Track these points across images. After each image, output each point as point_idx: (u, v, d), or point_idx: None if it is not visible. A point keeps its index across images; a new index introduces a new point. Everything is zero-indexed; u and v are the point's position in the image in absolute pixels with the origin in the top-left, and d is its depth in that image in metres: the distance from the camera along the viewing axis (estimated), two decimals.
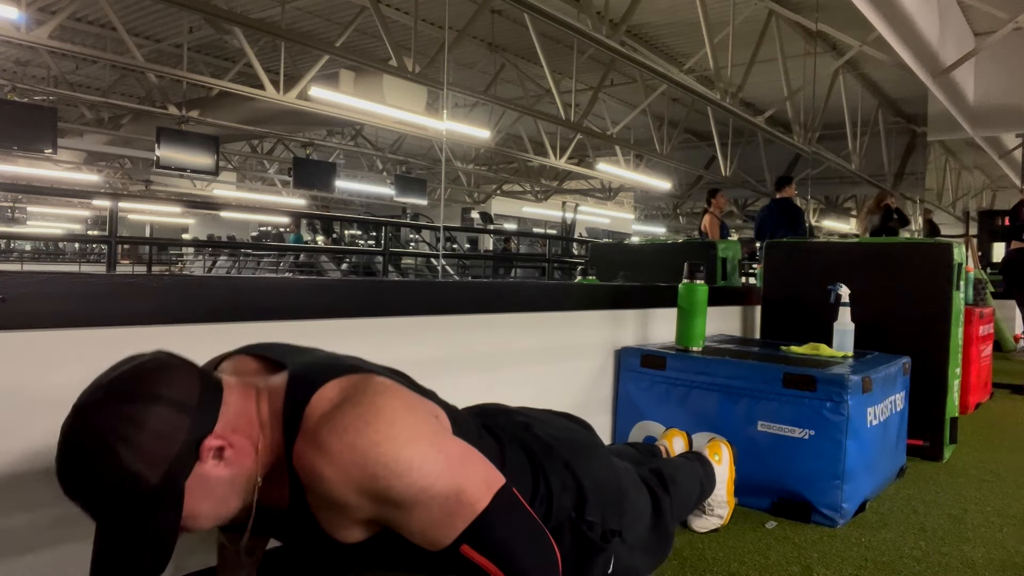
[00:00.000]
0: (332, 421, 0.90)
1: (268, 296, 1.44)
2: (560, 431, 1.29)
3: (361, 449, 0.88)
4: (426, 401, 1.02)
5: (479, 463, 0.99)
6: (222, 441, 0.88)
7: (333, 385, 0.94)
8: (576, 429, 1.37)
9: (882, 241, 3.34)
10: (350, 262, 9.48)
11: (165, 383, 0.86)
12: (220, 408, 0.89)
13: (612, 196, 18.26)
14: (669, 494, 1.50)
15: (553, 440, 1.23)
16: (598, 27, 5.38)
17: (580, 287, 3.04)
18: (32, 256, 15.51)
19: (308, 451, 0.90)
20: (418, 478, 0.89)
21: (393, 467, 0.88)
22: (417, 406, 0.98)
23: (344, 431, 0.89)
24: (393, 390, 0.96)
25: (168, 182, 15.35)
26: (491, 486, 0.97)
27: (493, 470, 1.00)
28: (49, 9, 7.19)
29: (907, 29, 5.59)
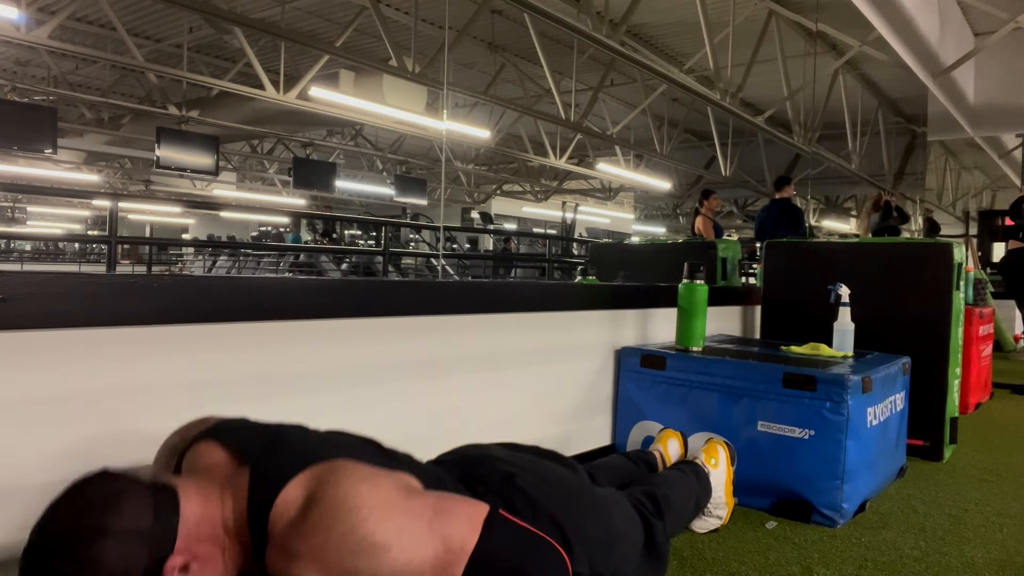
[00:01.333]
0: (300, 525, 0.89)
1: (268, 296, 1.44)
2: (544, 480, 1.26)
3: (335, 545, 0.87)
4: (390, 473, 0.99)
5: (456, 504, 0.98)
6: (185, 557, 0.87)
7: (296, 484, 0.93)
8: (561, 473, 1.34)
9: (882, 241, 3.34)
10: (350, 262, 9.48)
11: (114, 513, 0.84)
12: (178, 522, 0.87)
13: (612, 196, 18.26)
14: (662, 518, 1.49)
15: (537, 492, 1.20)
16: (598, 27, 5.38)
17: (580, 287, 3.05)
18: (32, 256, 15.50)
19: (281, 560, 0.89)
20: (399, 553, 0.89)
21: (372, 552, 0.87)
22: (380, 481, 0.96)
23: (312, 532, 0.88)
24: (353, 473, 0.94)
25: (168, 182, 15.35)
26: (475, 520, 0.96)
27: (472, 503, 0.99)
28: (49, 9, 7.18)
29: (907, 29, 5.59)
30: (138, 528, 0.84)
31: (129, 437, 1.23)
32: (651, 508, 1.49)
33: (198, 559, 0.88)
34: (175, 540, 0.87)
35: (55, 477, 1.13)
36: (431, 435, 1.76)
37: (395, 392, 1.69)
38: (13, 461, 1.11)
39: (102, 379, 1.20)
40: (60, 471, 1.14)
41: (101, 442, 1.19)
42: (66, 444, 1.16)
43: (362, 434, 1.13)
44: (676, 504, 1.59)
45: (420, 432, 1.74)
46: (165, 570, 0.85)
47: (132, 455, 1.22)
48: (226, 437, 1.03)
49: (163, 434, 1.27)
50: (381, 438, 1.66)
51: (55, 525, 0.84)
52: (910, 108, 10.97)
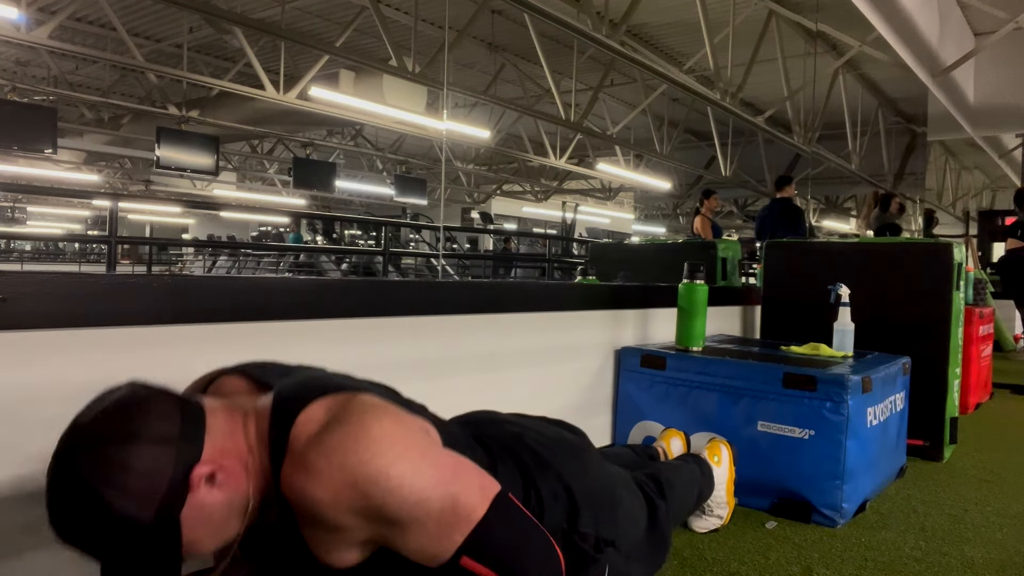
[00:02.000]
0: (319, 443, 0.89)
1: (268, 296, 1.44)
2: (552, 440, 1.27)
3: (350, 468, 0.87)
4: (415, 416, 1.00)
5: (472, 472, 0.98)
6: (212, 466, 0.87)
7: (319, 405, 0.93)
8: (568, 437, 1.35)
9: (882, 241, 3.34)
10: (350, 262, 9.48)
11: (143, 419, 0.84)
12: (204, 434, 0.88)
13: (612, 196, 18.26)
14: (665, 500, 1.48)
15: (544, 450, 1.21)
16: (598, 27, 5.38)
17: (580, 287, 3.05)
18: (32, 256, 15.51)
19: (296, 474, 0.89)
20: (411, 493, 0.88)
21: (385, 484, 0.87)
22: (405, 421, 0.96)
23: (332, 452, 0.88)
24: (380, 407, 0.95)
25: (168, 182, 15.35)
26: (487, 493, 0.96)
27: (487, 477, 0.99)
28: (49, 9, 7.18)
29: (907, 29, 5.59)
30: (167, 434, 0.84)
31: None
32: (655, 489, 1.49)
33: (224, 471, 0.88)
34: (202, 449, 0.87)
35: None
36: None
37: None
38: (13, 461, 1.11)
39: (102, 379, 1.19)
40: None
41: None
42: None
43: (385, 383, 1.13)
44: (679, 489, 1.59)
45: None
46: (192, 477, 0.85)
47: None
48: (250, 370, 1.05)
49: None
50: None
51: (83, 429, 0.84)
52: (910, 108, 10.97)
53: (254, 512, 0.93)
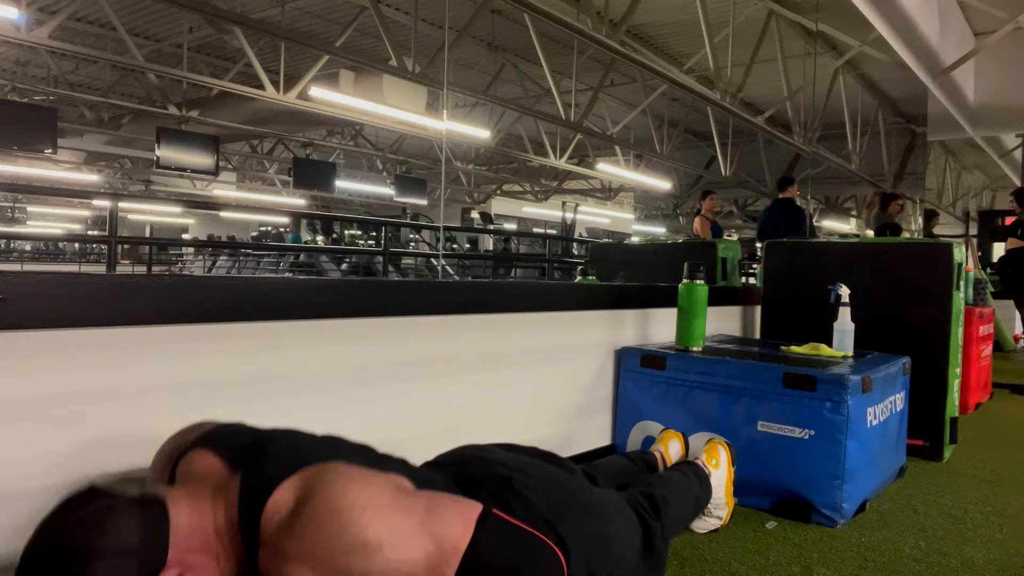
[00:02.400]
0: (290, 526, 0.89)
1: (268, 296, 1.44)
2: (541, 483, 1.26)
3: (326, 543, 0.87)
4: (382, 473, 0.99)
5: (448, 503, 0.98)
6: (178, 569, 0.87)
7: (285, 488, 0.93)
8: (558, 477, 1.33)
9: (882, 241, 3.34)
10: (350, 262, 9.48)
11: (101, 531, 0.84)
12: (168, 535, 0.87)
13: (612, 196, 18.26)
14: (660, 520, 1.48)
15: (533, 495, 1.20)
16: (598, 27, 5.38)
17: (580, 287, 3.05)
18: (32, 256, 15.50)
19: (273, 562, 0.89)
20: (391, 552, 0.88)
21: (363, 551, 0.87)
22: (371, 480, 0.96)
23: (304, 531, 0.88)
24: (344, 474, 0.94)
25: (168, 182, 15.36)
26: (468, 519, 0.96)
27: (464, 503, 0.99)
28: (49, 9, 7.18)
29: (907, 29, 5.59)
30: (127, 545, 0.84)
31: (129, 437, 1.23)
32: (649, 510, 1.48)
33: (192, 569, 0.88)
34: (167, 553, 0.87)
35: (56, 478, 1.14)
36: (431, 435, 1.76)
37: (395, 392, 1.69)
38: (13, 461, 1.11)
39: (102, 379, 1.20)
40: (61, 472, 1.15)
41: (101, 442, 1.19)
42: (67, 444, 1.16)
43: (356, 440, 1.13)
44: (675, 506, 1.58)
45: (420, 432, 1.74)
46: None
47: (132, 456, 1.22)
48: (218, 444, 1.03)
49: (163, 434, 1.27)
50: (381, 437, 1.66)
51: (44, 546, 0.84)
52: (910, 108, 10.97)
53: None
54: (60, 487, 1.14)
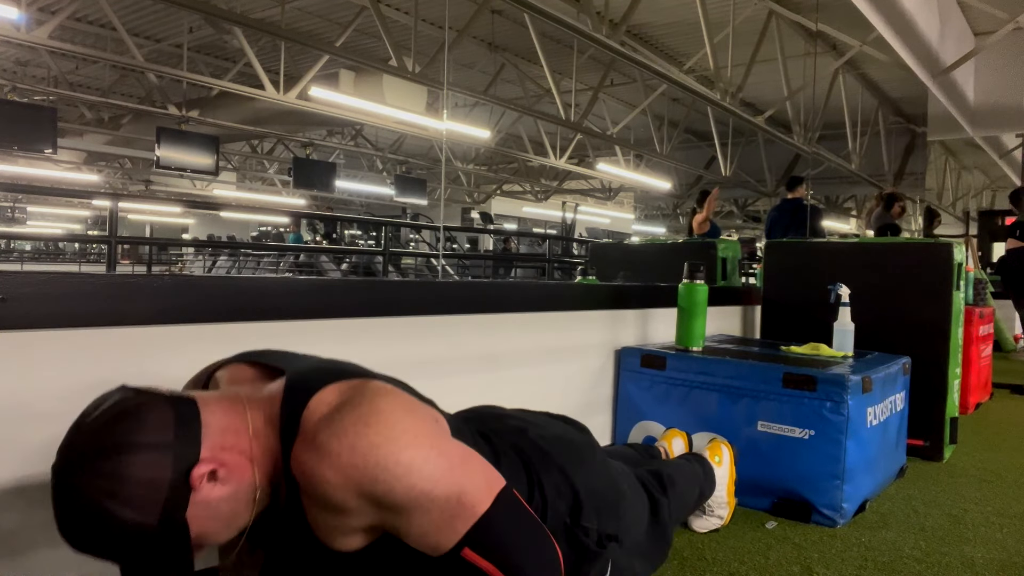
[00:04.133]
0: (331, 423, 0.89)
1: (268, 296, 1.44)
2: (555, 435, 1.28)
3: (361, 451, 0.87)
4: (426, 405, 1.01)
5: (479, 465, 0.99)
6: (212, 465, 0.87)
7: (331, 389, 0.94)
8: (572, 432, 1.36)
9: (882, 241, 3.34)
10: (350, 262, 9.47)
11: (136, 427, 0.84)
12: (201, 432, 0.88)
13: (612, 196, 18.26)
14: (667, 496, 1.49)
15: (548, 445, 1.22)
16: (598, 27, 5.38)
17: (580, 287, 3.05)
18: (32, 256, 15.50)
19: (306, 454, 0.89)
20: (418, 480, 0.89)
21: (393, 469, 0.87)
22: (417, 409, 0.97)
23: (343, 433, 0.88)
24: (393, 393, 0.95)
25: (168, 182, 15.36)
26: (492, 488, 0.96)
27: (493, 472, 1.00)
28: (49, 9, 7.18)
29: (907, 29, 5.59)
30: (161, 440, 0.85)
31: None
32: (657, 485, 1.50)
33: (225, 466, 0.89)
34: (199, 449, 0.87)
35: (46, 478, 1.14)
36: None
37: None
38: (14, 460, 1.11)
39: (102, 379, 1.20)
40: None
41: None
42: None
43: None
44: (681, 486, 1.59)
45: None
46: (192, 478, 0.85)
47: None
48: (258, 357, 1.05)
49: None
50: None
51: (78, 443, 0.85)
52: (910, 108, 10.97)
53: (264, 498, 0.93)
54: None
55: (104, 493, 0.82)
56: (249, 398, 0.95)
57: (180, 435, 0.86)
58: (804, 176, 6.96)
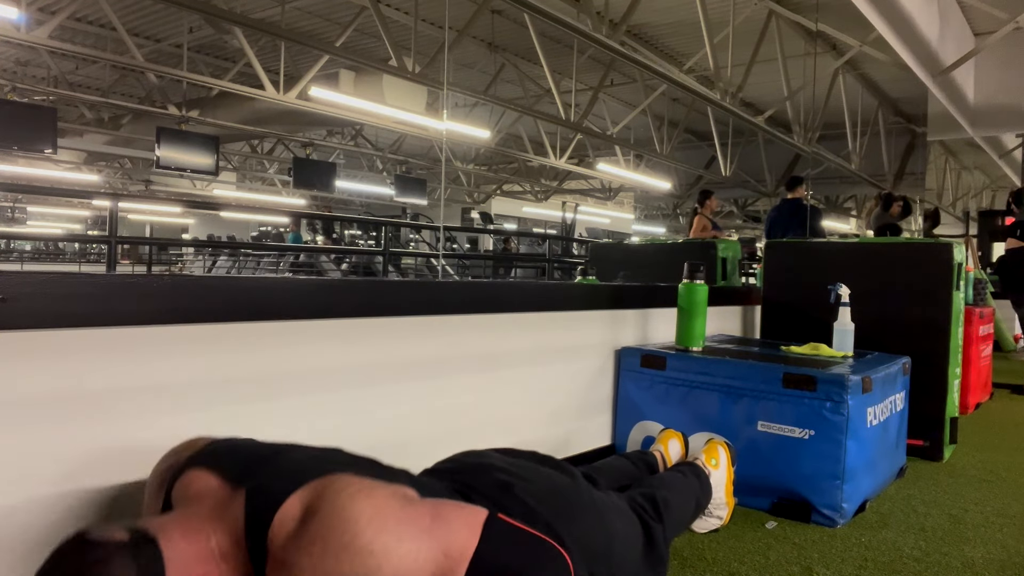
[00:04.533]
0: (298, 539, 0.89)
1: (268, 296, 1.44)
2: (542, 489, 1.26)
3: (333, 555, 0.87)
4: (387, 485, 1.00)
5: (453, 510, 0.99)
6: None
7: (293, 500, 0.93)
8: (559, 482, 1.34)
9: (882, 241, 3.34)
10: (350, 262, 9.47)
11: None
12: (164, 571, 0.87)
13: (612, 196, 18.25)
14: (662, 521, 1.49)
15: (534, 500, 1.21)
16: (598, 27, 5.37)
17: (580, 287, 3.05)
18: (32, 256, 15.49)
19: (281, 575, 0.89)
20: (399, 560, 0.89)
21: (371, 561, 0.88)
22: (376, 492, 0.96)
23: (311, 544, 0.88)
24: (350, 485, 0.95)
25: (168, 182, 15.35)
26: (473, 526, 0.97)
27: (470, 509, 1.00)
28: (49, 9, 7.18)
29: (907, 29, 5.58)
30: None
31: (130, 438, 1.23)
32: (651, 512, 1.49)
33: None
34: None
35: (56, 481, 1.14)
36: (431, 435, 1.76)
37: (395, 392, 1.69)
38: (13, 462, 1.11)
39: (102, 379, 1.20)
40: (61, 473, 1.15)
41: (101, 442, 1.19)
42: (66, 444, 1.15)
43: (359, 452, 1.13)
44: (676, 507, 1.59)
45: (421, 432, 1.74)
46: None
47: (132, 455, 1.22)
48: (216, 463, 1.02)
49: (163, 435, 1.27)
50: (382, 437, 1.67)
51: None
52: (910, 108, 10.97)
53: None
54: (60, 486, 1.14)
55: None
56: (211, 518, 0.94)
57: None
58: (804, 176, 6.96)
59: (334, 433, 1.55)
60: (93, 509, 1.18)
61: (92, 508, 1.18)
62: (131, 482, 1.21)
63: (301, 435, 1.48)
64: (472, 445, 1.80)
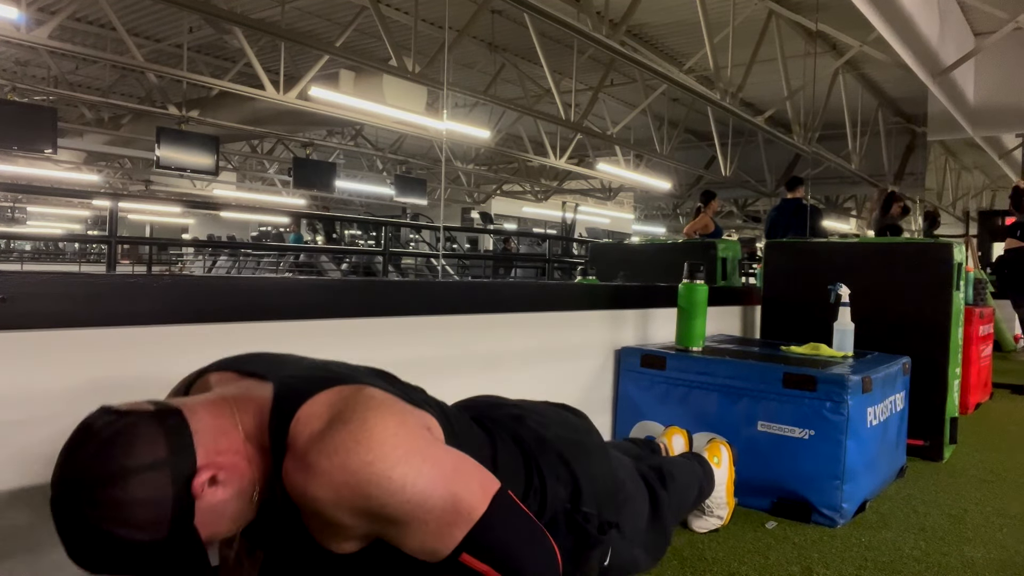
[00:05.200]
0: (321, 441, 0.89)
1: (268, 296, 1.44)
2: (554, 422, 1.28)
3: (352, 469, 0.87)
4: (417, 412, 1.00)
5: (473, 470, 0.98)
6: (210, 471, 0.87)
7: (321, 399, 0.93)
8: (571, 419, 1.36)
9: (882, 241, 3.34)
10: (350, 262, 9.47)
11: (128, 452, 0.83)
12: (192, 440, 0.87)
13: (612, 196, 18.25)
14: (667, 491, 1.49)
15: (546, 431, 1.22)
16: (598, 27, 5.38)
17: (580, 287, 3.05)
18: (32, 256, 15.49)
19: (298, 473, 0.89)
20: (412, 495, 0.89)
21: (387, 486, 0.87)
22: (407, 419, 0.96)
23: (334, 452, 0.88)
24: (383, 404, 0.94)
25: (168, 182, 15.35)
26: (487, 491, 0.96)
27: (488, 475, 1.00)
28: (49, 9, 7.18)
29: (907, 29, 5.58)
30: (156, 457, 0.84)
31: None
32: (657, 479, 1.50)
33: (223, 469, 0.89)
34: (195, 458, 0.86)
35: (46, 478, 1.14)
36: None
37: None
38: (15, 460, 1.11)
39: (102, 379, 1.20)
40: None
41: None
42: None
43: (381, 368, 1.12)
44: (680, 483, 1.59)
45: None
46: (194, 487, 0.85)
47: None
48: (238, 364, 1.03)
49: None
50: None
51: (74, 476, 0.84)
52: (910, 108, 10.97)
53: (261, 493, 0.93)
54: None
55: (111, 521, 0.81)
56: (236, 399, 0.94)
57: (173, 449, 0.85)
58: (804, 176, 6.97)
59: None
60: None
61: None
62: None
63: None
64: None
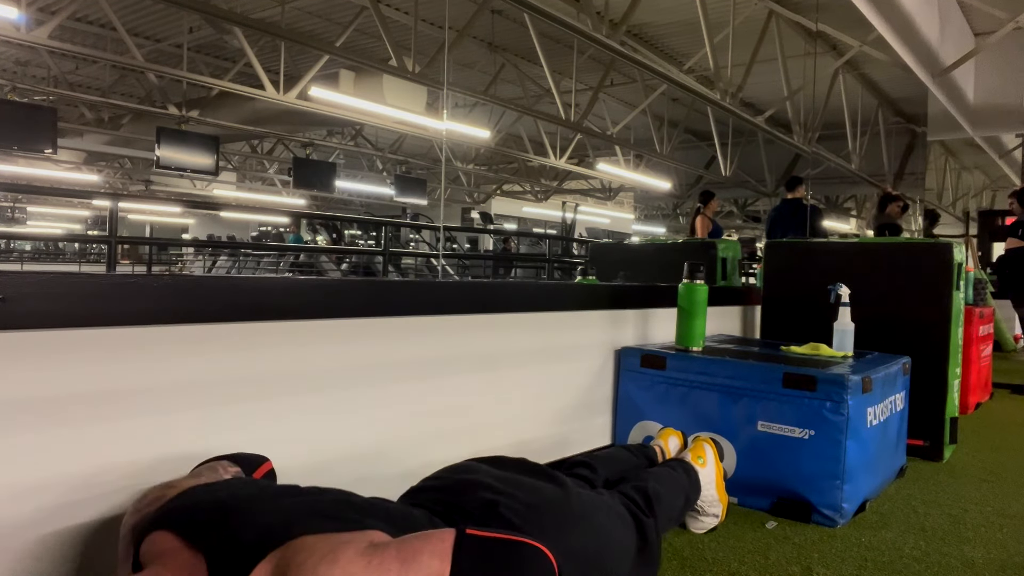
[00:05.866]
0: None
1: (268, 296, 1.44)
2: (528, 504, 1.26)
3: None
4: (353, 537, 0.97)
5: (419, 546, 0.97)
6: None
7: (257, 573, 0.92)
8: (547, 493, 1.34)
9: (882, 241, 3.34)
10: (350, 262, 9.47)
11: None
12: None
13: (612, 196, 18.26)
14: (654, 515, 1.51)
15: (520, 520, 1.21)
16: (598, 27, 5.38)
17: (580, 287, 3.05)
18: (32, 256, 15.50)
19: None
20: None
21: None
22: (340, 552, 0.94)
23: None
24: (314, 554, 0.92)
25: (168, 182, 15.35)
26: (443, 553, 0.95)
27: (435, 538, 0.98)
28: (49, 9, 7.18)
29: (907, 29, 5.59)
30: None
31: (129, 437, 1.23)
32: (643, 506, 1.51)
33: None
34: None
35: (54, 480, 1.14)
36: (432, 435, 1.76)
37: (396, 392, 1.69)
38: (13, 462, 1.11)
39: (102, 380, 1.20)
40: (59, 472, 1.15)
41: (101, 442, 1.19)
42: (66, 444, 1.15)
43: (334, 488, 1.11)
44: (667, 501, 1.61)
45: (421, 432, 1.74)
46: None
47: (131, 455, 1.22)
48: (176, 523, 1.01)
49: (163, 435, 1.27)
50: (382, 437, 1.67)
51: None
52: (910, 108, 10.97)
53: None
54: (58, 484, 1.14)
55: None
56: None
57: None
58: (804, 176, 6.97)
59: (335, 433, 1.55)
60: (91, 509, 1.18)
61: (90, 508, 1.18)
62: (131, 482, 1.21)
63: (301, 435, 1.48)
64: (472, 445, 1.81)
